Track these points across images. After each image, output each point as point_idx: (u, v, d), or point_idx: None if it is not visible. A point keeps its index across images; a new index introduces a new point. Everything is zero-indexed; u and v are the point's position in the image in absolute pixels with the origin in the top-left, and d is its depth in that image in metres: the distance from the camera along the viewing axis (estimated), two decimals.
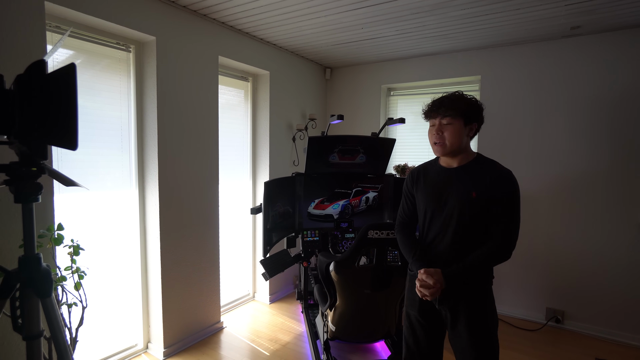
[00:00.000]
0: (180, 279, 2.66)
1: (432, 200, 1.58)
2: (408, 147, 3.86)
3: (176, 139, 2.57)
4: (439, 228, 1.56)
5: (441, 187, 1.56)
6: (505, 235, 1.47)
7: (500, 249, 1.47)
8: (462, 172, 1.54)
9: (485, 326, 1.52)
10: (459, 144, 1.51)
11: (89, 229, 2.30)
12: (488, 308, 1.54)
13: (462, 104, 1.50)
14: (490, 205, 1.47)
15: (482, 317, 1.52)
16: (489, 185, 1.47)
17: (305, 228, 2.91)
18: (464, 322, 1.52)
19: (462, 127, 1.50)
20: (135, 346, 2.60)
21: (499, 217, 1.47)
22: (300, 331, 2.97)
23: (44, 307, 1.08)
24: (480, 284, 1.54)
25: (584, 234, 2.99)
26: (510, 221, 1.47)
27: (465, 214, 1.49)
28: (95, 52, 2.28)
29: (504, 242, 1.47)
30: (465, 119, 1.50)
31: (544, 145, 3.09)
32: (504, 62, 3.23)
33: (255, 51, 3.19)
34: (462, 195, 1.49)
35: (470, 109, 1.50)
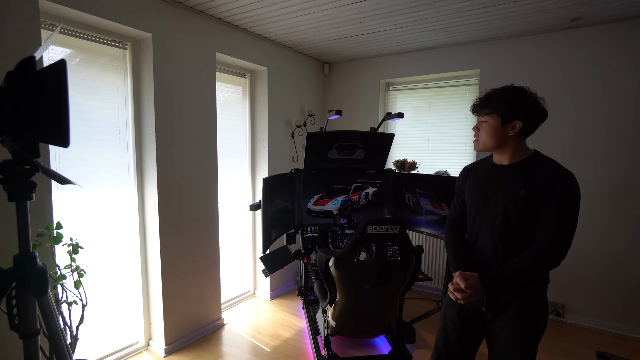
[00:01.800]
0: (180, 276, 2.66)
1: (477, 197, 1.51)
2: (407, 142, 3.84)
3: (174, 136, 2.56)
4: (484, 227, 1.48)
5: (488, 184, 1.48)
6: (553, 241, 1.33)
7: (546, 255, 1.33)
8: (513, 169, 1.42)
9: (532, 329, 1.40)
10: (493, 142, 1.42)
11: (88, 228, 2.30)
12: (538, 311, 1.42)
13: (497, 100, 1.39)
14: (540, 206, 1.34)
15: (531, 319, 1.40)
16: (541, 183, 1.33)
17: (304, 224, 2.91)
18: (509, 322, 1.41)
19: (497, 125, 1.40)
20: (136, 343, 2.61)
21: (549, 220, 1.33)
22: (301, 327, 2.98)
23: (40, 306, 1.07)
24: (534, 287, 1.42)
25: (584, 227, 2.98)
26: (561, 225, 1.32)
27: (512, 213, 1.38)
28: (91, 50, 2.27)
29: (552, 248, 1.33)
30: (503, 117, 1.39)
31: (543, 139, 3.07)
32: (503, 55, 3.21)
33: (253, 47, 3.17)
34: (510, 193, 1.39)
35: (507, 107, 1.38)
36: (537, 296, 1.42)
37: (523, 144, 1.44)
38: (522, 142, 1.44)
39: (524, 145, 1.44)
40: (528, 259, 1.35)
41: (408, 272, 2.10)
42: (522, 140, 1.43)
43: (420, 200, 2.74)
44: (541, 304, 1.43)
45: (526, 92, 1.39)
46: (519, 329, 1.40)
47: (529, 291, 1.41)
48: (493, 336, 1.47)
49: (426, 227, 2.71)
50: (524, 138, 1.44)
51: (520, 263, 1.36)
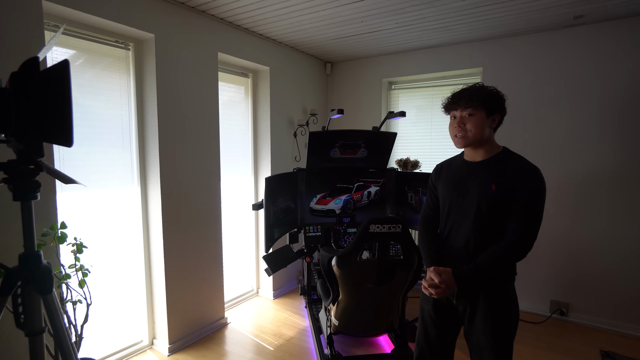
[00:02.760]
0: (183, 276, 2.67)
1: (451, 193, 1.56)
2: (410, 141, 3.84)
3: (177, 136, 2.57)
4: (457, 223, 1.53)
5: (461, 180, 1.53)
6: (520, 234, 1.39)
7: (514, 248, 1.40)
8: (485, 165, 1.49)
9: (504, 323, 1.46)
10: (481, 135, 1.47)
11: (92, 227, 2.31)
12: (508, 305, 1.47)
13: (484, 94, 1.47)
14: (510, 200, 1.40)
15: (501, 313, 1.46)
16: (510, 179, 1.40)
17: (307, 223, 2.91)
18: (482, 317, 1.47)
19: (484, 117, 1.46)
20: (140, 342, 2.63)
21: (517, 214, 1.39)
22: (304, 326, 2.98)
23: (45, 304, 1.09)
24: (500, 280, 1.47)
25: (588, 226, 2.97)
26: (528, 219, 1.39)
27: (483, 208, 1.44)
28: (95, 51, 2.28)
29: (519, 241, 1.39)
30: (488, 110, 1.46)
31: (547, 138, 3.06)
32: (506, 53, 3.20)
33: (255, 47, 3.18)
34: (482, 188, 1.45)
35: (492, 99, 1.47)
36: (504, 290, 1.48)
37: (494, 140, 1.53)
38: (493, 138, 1.53)
39: (494, 141, 1.53)
40: (497, 251, 1.40)
41: (410, 271, 2.09)
42: (493, 136, 1.53)
43: (423, 199, 2.73)
44: (509, 297, 1.48)
45: (496, 89, 1.50)
46: (491, 328, 1.45)
47: (495, 284, 1.46)
48: (469, 336, 1.54)
49: None
50: (494, 133, 1.53)
51: (490, 256, 1.41)
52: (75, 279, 1.90)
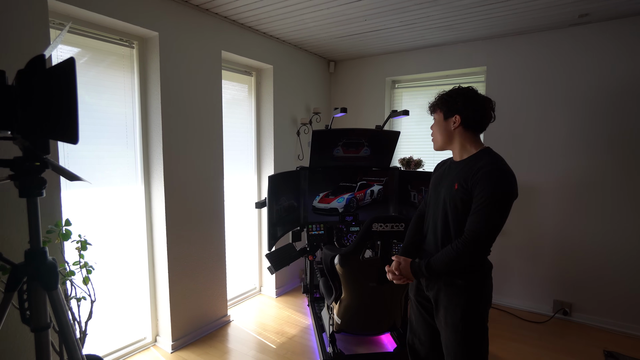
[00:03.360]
0: (187, 273, 2.68)
1: (431, 191, 1.62)
2: (413, 140, 3.83)
3: (180, 134, 2.58)
4: (431, 220, 1.57)
5: (441, 179, 1.57)
6: (472, 235, 1.36)
7: (465, 248, 1.37)
8: (460, 165, 1.50)
9: (462, 318, 1.44)
10: (441, 138, 1.54)
11: (96, 225, 2.33)
12: (467, 304, 1.44)
13: (440, 97, 1.54)
14: (469, 202, 1.39)
15: (460, 309, 1.44)
16: (471, 179, 1.39)
17: (310, 222, 2.91)
18: (443, 311, 1.49)
19: (441, 121, 1.53)
20: (144, 339, 2.64)
21: (473, 214, 1.38)
22: (306, 324, 2.99)
23: (51, 300, 1.09)
24: (462, 276, 1.45)
25: (591, 226, 2.96)
26: (481, 221, 1.35)
27: (447, 207, 1.47)
28: (99, 49, 2.29)
29: (465, 244, 1.37)
30: (444, 112, 1.51)
31: (551, 137, 3.05)
32: (510, 52, 3.18)
33: (259, 45, 3.18)
34: (448, 188, 1.47)
35: (446, 102, 1.50)
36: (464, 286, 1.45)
37: (472, 140, 1.50)
38: (471, 139, 1.50)
39: (473, 141, 1.50)
40: (449, 250, 1.41)
41: None
42: (469, 137, 1.50)
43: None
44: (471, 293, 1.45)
45: (464, 91, 1.49)
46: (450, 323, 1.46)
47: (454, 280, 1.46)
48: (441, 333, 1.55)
49: None
50: (472, 134, 1.50)
51: (442, 254, 1.43)
52: (80, 276, 1.92)
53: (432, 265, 1.45)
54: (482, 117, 1.48)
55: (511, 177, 1.38)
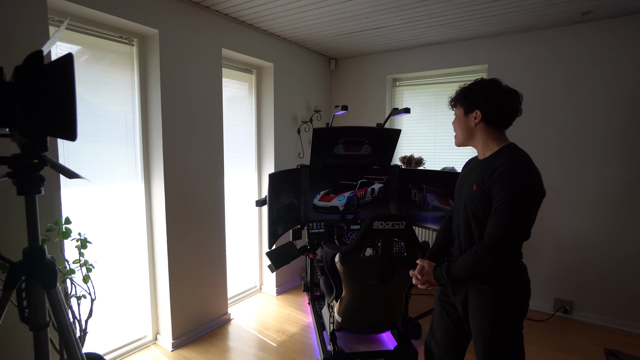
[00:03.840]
0: (187, 272, 2.68)
1: (455, 192, 1.55)
2: (414, 139, 3.82)
3: (181, 132, 2.57)
4: (455, 223, 1.51)
5: (462, 179, 1.50)
6: (486, 242, 1.29)
7: (477, 256, 1.30)
8: (482, 164, 1.40)
9: (489, 328, 1.36)
10: (462, 134, 1.46)
11: (96, 223, 2.32)
12: (494, 310, 1.35)
13: (460, 91, 1.45)
14: (488, 204, 1.30)
15: (485, 318, 1.36)
16: (489, 179, 1.29)
17: (310, 220, 2.91)
18: (470, 316, 1.42)
19: (461, 116, 1.44)
20: (144, 337, 2.64)
21: (492, 218, 1.29)
22: (307, 322, 2.99)
23: (49, 298, 1.09)
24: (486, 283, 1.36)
25: (593, 223, 2.95)
26: (499, 225, 1.26)
27: (467, 210, 1.39)
28: (99, 47, 2.28)
29: (484, 250, 1.29)
30: (465, 108, 1.42)
31: (554, 135, 3.04)
32: (512, 50, 3.17)
33: (259, 43, 3.17)
34: (469, 188, 1.39)
35: (465, 96, 1.41)
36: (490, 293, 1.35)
37: (496, 136, 1.40)
38: (493, 135, 1.40)
39: (496, 138, 1.40)
40: (469, 256, 1.34)
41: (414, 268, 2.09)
42: (492, 133, 1.40)
43: (427, 197, 2.72)
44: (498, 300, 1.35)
45: (486, 83, 1.39)
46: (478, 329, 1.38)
47: (480, 286, 1.37)
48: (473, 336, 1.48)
49: (432, 223, 2.70)
50: (495, 130, 1.39)
51: (462, 260, 1.37)
52: (80, 275, 1.91)
53: (451, 271, 1.39)
54: (505, 112, 1.36)
55: (532, 175, 1.26)
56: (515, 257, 1.36)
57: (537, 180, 1.27)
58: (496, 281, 1.35)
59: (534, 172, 1.28)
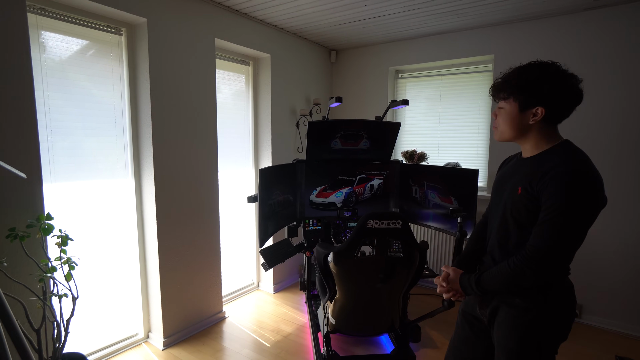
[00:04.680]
0: (179, 269, 2.60)
1: (492, 193, 1.36)
2: (418, 133, 3.69)
3: (172, 125, 2.48)
4: (490, 228, 1.34)
5: (504, 179, 1.30)
6: (529, 253, 1.11)
7: (516, 268, 1.13)
8: (528, 163, 1.21)
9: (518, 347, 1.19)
10: (511, 132, 1.22)
11: (87, 219, 2.26)
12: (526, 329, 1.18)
13: (516, 81, 1.18)
14: (534, 210, 1.13)
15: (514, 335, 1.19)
16: (537, 182, 1.11)
17: (307, 217, 2.81)
18: (496, 328, 1.25)
19: (515, 112, 1.19)
20: (135, 335, 2.58)
21: (538, 226, 1.11)
22: (303, 322, 2.90)
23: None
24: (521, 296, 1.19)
25: (604, 224, 2.80)
26: (543, 237, 1.09)
27: (507, 214, 1.21)
28: (86, 36, 2.19)
29: (524, 261, 1.12)
30: (521, 103, 1.17)
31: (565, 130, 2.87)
32: (520, 39, 3.01)
33: (255, 33, 3.06)
34: (511, 190, 1.21)
35: (523, 87, 1.16)
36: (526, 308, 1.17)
37: (550, 132, 1.19)
38: (549, 131, 1.19)
39: (551, 134, 1.20)
40: (505, 267, 1.17)
41: (412, 269, 1.98)
42: (548, 129, 1.19)
43: (428, 193, 2.60)
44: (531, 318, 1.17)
45: (551, 70, 1.17)
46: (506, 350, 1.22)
47: (516, 301, 1.19)
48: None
49: (433, 221, 2.58)
50: (552, 126, 1.20)
51: (496, 270, 1.19)
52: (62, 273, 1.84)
53: (482, 281, 1.22)
54: (571, 108, 1.17)
55: (593, 180, 1.08)
56: (560, 272, 1.18)
57: (599, 186, 1.09)
58: (532, 296, 1.17)
59: (595, 177, 1.09)
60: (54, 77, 2.06)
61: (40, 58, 1.99)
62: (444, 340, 2.64)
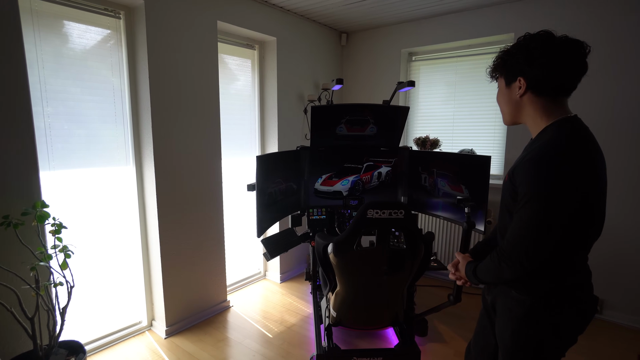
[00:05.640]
0: (181, 258, 2.57)
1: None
2: (433, 119, 3.52)
3: (172, 111, 2.42)
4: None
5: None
6: (503, 246, 1.07)
7: (494, 261, 1.10)
8: (527, 148, 1.14)
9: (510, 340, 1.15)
10: (508, 112, 1.17)
11: (89, 207, 2.25)
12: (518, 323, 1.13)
13: (498, 56, 1.15)
14: (514, 198, 1.06)
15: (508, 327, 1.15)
16: (516, 167, 1.06)
17: (311, 205, 2.72)
18: (496, 319, 1.24)
19: (503, 88, 1.16)
20: (139, 323, 2.58)
21: (514, 217, 1.05)
22: (308, 313, 2.84)
23: None
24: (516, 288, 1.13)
25: (626, 213, 2.59)
26: (514, 230, 1.04)
27: (503, 201, 1.17)
28: (84, 20, 2.14)
29: (500, 255, 1.07)
30: (506, 77, 1.14)
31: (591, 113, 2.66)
32: (542, 16, 2.78)
33: (260, 15, 2.94)
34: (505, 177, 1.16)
35: (503, 61, 1.13)
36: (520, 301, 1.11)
37: (545, 109, 1.08)
38: (544, 107, 1.08)
39: (547, 111, 1.08)
40: (488, 260, 1.14)
41: (416, 261, 1.87)
42: (543, 104, 1.08)
43: (438, 182, 2.47)
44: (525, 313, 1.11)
45: (529, 38, 1.07)
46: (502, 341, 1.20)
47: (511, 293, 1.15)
48: None
49: (443, 211, 2.45)
50: (548, 101, 1.07)
51: (486, 262, 1.16)
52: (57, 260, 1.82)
53: (477, 272, 1.20)
54: (559, 74, 1.03)
55: (565, 165, 0.96)
56: (555, 269, 1.07)
57: (575, 171, 0.96)
58: (528, 290, 1.11)
59: (572, 160, 0.97)
60: (50, 62, 2.01)
61: (35, 42, 1.95)
62: (452, 334, 2.53)
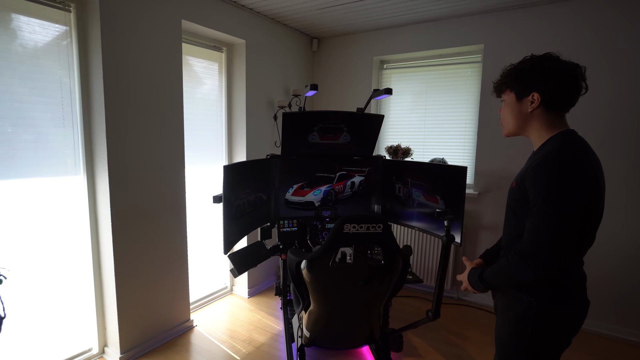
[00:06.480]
0: (138, 275, 2.35)
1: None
2: (404, 127, 3.50)
3: (129, 115, 2.21)
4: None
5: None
6: (523, 247, 1.08)
7: (511, 264, 1.10)
8: (532, 156, 1.21)
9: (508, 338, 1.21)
10: (513, 123, 1.23)
11: (29, 223, 1.98)
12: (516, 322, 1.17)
13: (511, 72, 1.20)
14: (525, 203, 1.12)
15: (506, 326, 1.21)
16: (525, 173, 1.12)
17: (282, 217, 2.58)
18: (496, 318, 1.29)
19: (513, 102, 1.21)
20: (89, 351, 2.32)
21: (529, 221, 1.09)
22: (278, 330, 2.69)
23: None
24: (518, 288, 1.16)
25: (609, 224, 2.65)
26: (531, 231, 1.07)
27: (509, 208, 1.22)
28: (28, 12, 1.91)
29: (518, 257, 1.08)
30: (518, 92, 1.19)
31: None
32: (510, 28, 2.83)
33: (228, 16, 2.79)
34: (511, 184, 1.22)
35: (516, 76, 1.18)
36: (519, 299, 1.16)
37: (553, 121, 1.17)
38: (552, 120, 1.17)
39: (554, 123, 1.17)
40: (504, 263, 1.15)
41: (394, 277, 1.78)
42: (550, 118, 1.17)
43: (412, 192, 2.41)
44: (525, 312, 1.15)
45: (544, 57, 1.17)
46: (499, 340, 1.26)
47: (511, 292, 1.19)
48: None
49: (418, 221, 2.39)
50: (554, 115, 1.17)
51: (497, 267, 1.19)
52: None
53: (485, 277, 1.22)
54: (569, 92, 1.14)
55: (574, 166, 1.04)
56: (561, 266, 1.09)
57: (581, 173, 1.04)
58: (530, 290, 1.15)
59: (577, 163, 1.05)
60: None
61: None
62: (428, 348, 2.47)
